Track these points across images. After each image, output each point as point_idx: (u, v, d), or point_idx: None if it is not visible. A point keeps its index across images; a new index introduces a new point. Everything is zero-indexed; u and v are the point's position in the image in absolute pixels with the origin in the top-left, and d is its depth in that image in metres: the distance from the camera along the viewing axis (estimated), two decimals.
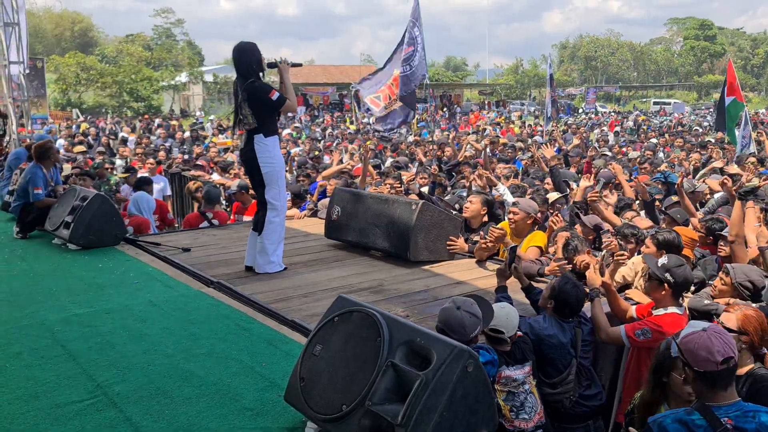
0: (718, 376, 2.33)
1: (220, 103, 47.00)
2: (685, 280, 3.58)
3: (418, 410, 2.22)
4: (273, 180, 4.70)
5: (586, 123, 31.07)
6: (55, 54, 46.94)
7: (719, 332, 2.40)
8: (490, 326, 3.16)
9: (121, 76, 41.69)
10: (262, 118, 4.58)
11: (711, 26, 77.62)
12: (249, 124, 4.58)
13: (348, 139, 19.09)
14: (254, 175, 4.78)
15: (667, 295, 3.56)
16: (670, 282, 3.51)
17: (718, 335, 2.37)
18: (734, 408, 2.34)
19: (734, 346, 2.38)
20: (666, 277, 3.51)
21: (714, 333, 2.38)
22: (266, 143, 4.62)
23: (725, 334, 2.42)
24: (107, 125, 28.91)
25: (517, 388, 3.24)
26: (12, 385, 3.02)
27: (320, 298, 4.24)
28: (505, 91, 59.22)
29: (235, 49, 4.62)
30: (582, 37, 77.71)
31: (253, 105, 4.54)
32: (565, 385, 3.51)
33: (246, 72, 4.55)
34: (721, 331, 2.42)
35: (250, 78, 4.54)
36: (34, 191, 6.09)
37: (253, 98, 4.53)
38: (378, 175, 8.75)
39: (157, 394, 2.94)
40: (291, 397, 2.65)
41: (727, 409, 2.34)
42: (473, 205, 5.61)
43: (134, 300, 4.24)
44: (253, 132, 4.62)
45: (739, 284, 3.80)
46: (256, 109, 4.54)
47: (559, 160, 9.01)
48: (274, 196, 4.73)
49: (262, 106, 4.56)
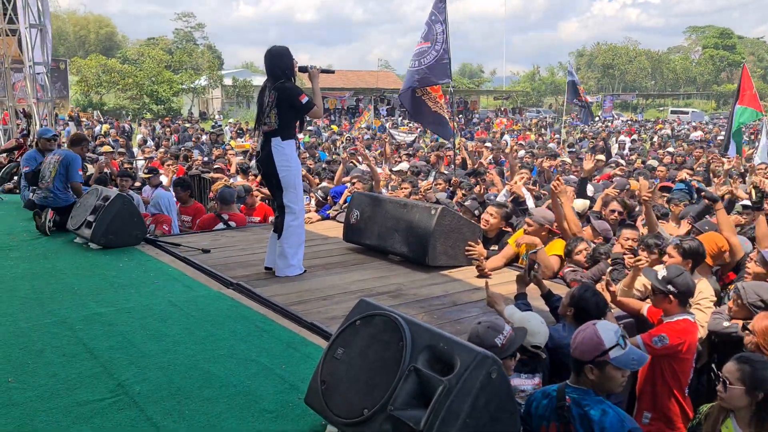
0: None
1: (238, 106, 47.31)
2: (688, 287, 3.65)
3: (441, 416, 2.20)
4: (290, 184, 4.68)
5: (602, 130, 30.85)
6: (77, 56, 47.59)
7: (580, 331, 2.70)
8: (531, 343, 3.17)
9: (142, 78, 42.12)
10: (285, 121, 4.55)
11: (731, 35, 76.77)
12: (269, 125, 4.55)
13: (365, 144, 19.12)
14: (271, 178, 4.75)
15: (674, 304, 3.64)
16: (674, 292, 3.60)
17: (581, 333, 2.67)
18: (579, 392, 2.68)
19: (588, 346, 2.65)
20: (669, 288, 3.58)
21: (582, 331, 2.68)
22: (283, 146, 4.60)
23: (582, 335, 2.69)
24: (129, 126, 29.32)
25: (524, 399, 3.20)
26: (34, 383, 3.04)
27: (339, 301, 4.24)
28: (522, 98, 58.97)
29: (268, 52, 4.61)
30: (599, 45, 77.28)
31: (281, 106, 4.51)
32: None
33: (278, 75, 4.54)
34: (580, 332, 2.71)
35: (279, 79, 4.53)
36: (78, 172, 6.31)
37: (283, 99, 4.50)
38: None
39: (177, 394, 2.94)
40: (312, 400, 2.64)
41: (573, 391, 2.70)
42: (493, 218, 5.55)
43: (154, 300, 4.26)
44: (270, 135, 4.58)
45: (750, 305, 3.78)
46: (282, 110, 4.52)
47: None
48: (291, 199, 4.71)
49: (289, 108, 4.54)
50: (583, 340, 2.67)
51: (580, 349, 2.67)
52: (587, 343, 2.65)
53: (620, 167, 9.76)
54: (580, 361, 2.67)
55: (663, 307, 3.68)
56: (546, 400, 2.77)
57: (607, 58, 72.48)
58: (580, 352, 2.67)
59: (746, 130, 22.82)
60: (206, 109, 47.49)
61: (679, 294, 3.58)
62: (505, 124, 33.86)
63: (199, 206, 7.73)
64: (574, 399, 2.65)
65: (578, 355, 2.68)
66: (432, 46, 9.17)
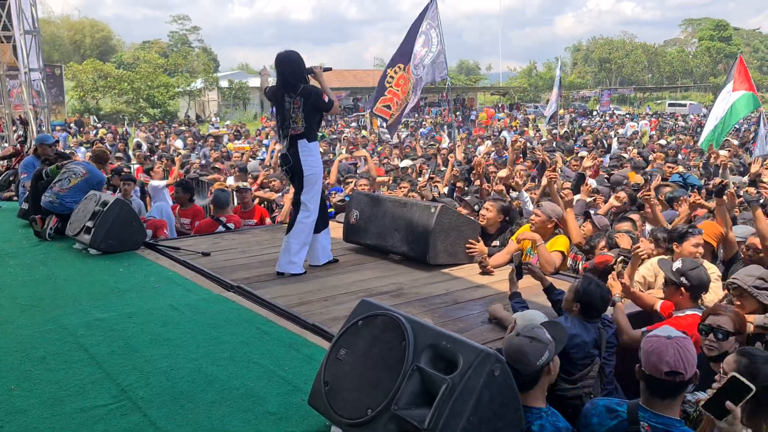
0: (661, 384, 2.33)
1: (235, 108, 47.29)
2: (701, 281, 3.59)
3: (445, 415, 2.20)
4: (312, 183, 4.82)
5: (600, 125, 30.88)
6: (73, 62, 47.50)
7: (683, 346, 2.35)
8: None
9: (138, 82, 42.09)
10: (310, 123, 4.70)
11: (726, 26, 76.81)
12: (296, 129, 4.68)
13: (361, 143, 19.14)
14: (296, 179, 4.89)
15: (685, 297, 3.59)
16: (686, 285, 3.55)
17: (680, 348, 2.33)
18: (662, 420, 2.32)
19: (690, 365, 2.33)
20: (681, 280, 3.54)
21: (677, 344, 2.34)
22: (309, 147, 4.75)
23: (686, 350, 2.35)
24: (125, 130, 29.27)
25: None
26: (37, 390, 3.04)
27: (340, 301, 4.24)
28: (519, 94, 58.96)
29: (281, 57, 4.71)
30: (596, 39, 77.24)
31: (307, 109, 4.66)
32: (585, 380, 3.46)
33: (293, 80, 4.65)
34: (685, 346, 2.36)
35: (300, 84, 4.64)
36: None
37: (308, 102, 4.64)
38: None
39: (180, 398, 2.94)
40: (315, 402, 2.64)
41: (651, 416, 2.34)
42: (489, 212, 5.57)
43: (155, 304, 4.25)
44: (296, 137, 4.71)
45: (753, 288, 3.70)
46: (308, 113, 4.66)
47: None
48: (309, 198, 4.83)
49: (314, 110, 4.69)
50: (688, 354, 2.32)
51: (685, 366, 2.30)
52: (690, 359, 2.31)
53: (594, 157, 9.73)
54: (683, 383, 2.33)
55: (674, 299, 3.63)
56: (614, 421, 2.42)
57: (604, 52, 72.51)
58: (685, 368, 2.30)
59: (744, 122, 22.82)
60: (202, 111, 47.45)
61: (690, 287, 3.53)
62: (498, 117, 33.67)
63: (198, 208, 7.72)
64: (656, 428, 2.32)
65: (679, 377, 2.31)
66: (429, 49, 9.32)
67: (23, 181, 7.55)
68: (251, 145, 19.30)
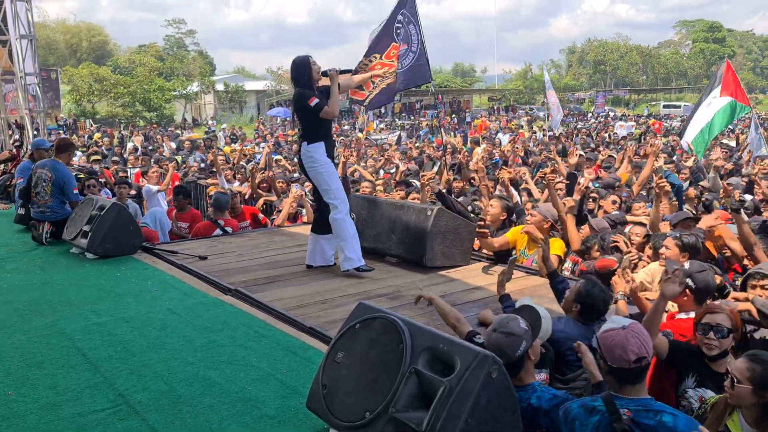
0: (630, 372, 2.44)
1: (231, 112, 47.27)
2: (707, 285, 3.54)
3: (443, 417, 2.21)
4: (322, 182, 4.93)
5: (595, 127, 30.97)
6: (69, 65, 47.41)
7: (639, 332, 2.49)
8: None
9: (134, 86, 42.02)
10: (306, 125, 4.86)
11: (720, 28, 77.02)
12: (299, 132, 4.93)
13: (355, 146, 19.16)
14: (310, 180, 5.08)
15: (690, 300, 3.53)
16: (692, 287, 3.50)
17: (636, 335, 2.46)
18: (638, 403, 2.43)
19: (650, 346, 2.49)
20: (687, 282, 3.49)
21: (633, 332, 2.47)
22: (309, 150, 4.86)
23: (643, 334, 2.49)
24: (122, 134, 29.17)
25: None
26: (34, 394, 3.04)
27: (338, 304, 4.25)
28: (514, 96, 59.03)
29: (292, 62, 4.90)
30: (590, 41, 77.43)
31: (300, 112, 4.85)
32: (578, 380, 3.48)
33: (297, 84, 4.84)
34: (639, 331, 2.50)
35: (298, 88, 4.82)
36: (73, 191, 6.13)
37: (297, 105, 4.84)
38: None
39: (178, 402, 2.94)
40: (313, 405, 2.65)
41: (628, 402, 2.43)
42: (493, 209, 5.60)
43: (153, 308, 4.25)
44: (300, 140, 4.97)
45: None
46: (302, 116, 4.85)
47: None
48: (330, 196, 4.93)
49: (306, 113, 4.82)
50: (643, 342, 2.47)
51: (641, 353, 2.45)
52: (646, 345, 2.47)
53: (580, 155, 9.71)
54: (648, 365, 2.50)
55: (678, 301, 3.58)
56: (596, 417, 2.46)
57: (599, 54, 72.62)
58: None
59: (738, 123, 22.90)
60: (198, 115, 47.42)
61: (696, 290, 3.48)
62: (491, 125, 33.65)
63: (195, 213, 7.72)
64: (637, 411, 2.41)
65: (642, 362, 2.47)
66: (409, 48, 9.18)
67: (19, 185, 7.54)
68: (249, 147, 19.29)
